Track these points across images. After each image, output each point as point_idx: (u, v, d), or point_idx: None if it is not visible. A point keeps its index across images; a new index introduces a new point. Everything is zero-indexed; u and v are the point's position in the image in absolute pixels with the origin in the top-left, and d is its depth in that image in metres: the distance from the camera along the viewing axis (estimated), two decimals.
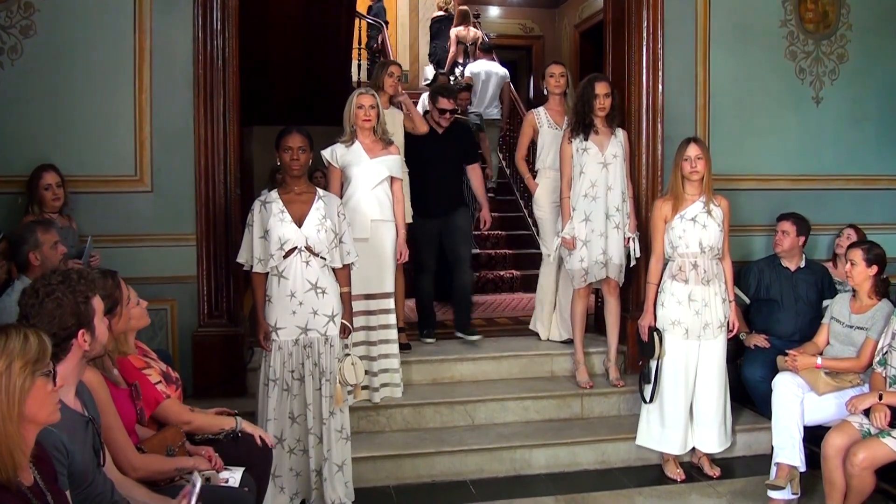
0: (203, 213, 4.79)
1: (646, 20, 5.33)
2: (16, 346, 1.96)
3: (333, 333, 3.99)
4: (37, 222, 4.01)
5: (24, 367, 1.95)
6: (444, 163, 5.57)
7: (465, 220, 5.76)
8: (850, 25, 5.77)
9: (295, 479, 4.03)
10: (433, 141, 5.54)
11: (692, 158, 4.38)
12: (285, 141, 3.97)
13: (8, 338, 1.96)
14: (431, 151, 5.50)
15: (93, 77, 4.66)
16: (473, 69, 9.16)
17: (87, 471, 2.37)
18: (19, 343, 1.96)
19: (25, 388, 1.96)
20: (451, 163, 5.67)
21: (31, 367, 1.97)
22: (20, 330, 2.01)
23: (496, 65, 9.26)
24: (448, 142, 5.60)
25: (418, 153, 5.45)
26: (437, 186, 5.50)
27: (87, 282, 2.47)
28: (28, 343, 1.98)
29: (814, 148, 5.74)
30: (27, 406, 1.97)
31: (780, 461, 4.09)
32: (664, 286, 4.50)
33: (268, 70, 7.21)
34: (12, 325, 2.07)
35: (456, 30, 10.08)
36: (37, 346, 1.99)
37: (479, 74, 9.02)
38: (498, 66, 9.24)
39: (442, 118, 5.55)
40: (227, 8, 4.76)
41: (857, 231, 5.33)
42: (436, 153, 5.51)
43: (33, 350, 1.98)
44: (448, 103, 5.55)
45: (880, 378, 3.97)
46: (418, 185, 5.48)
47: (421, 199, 5.49)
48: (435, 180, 5.48)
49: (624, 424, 4.87)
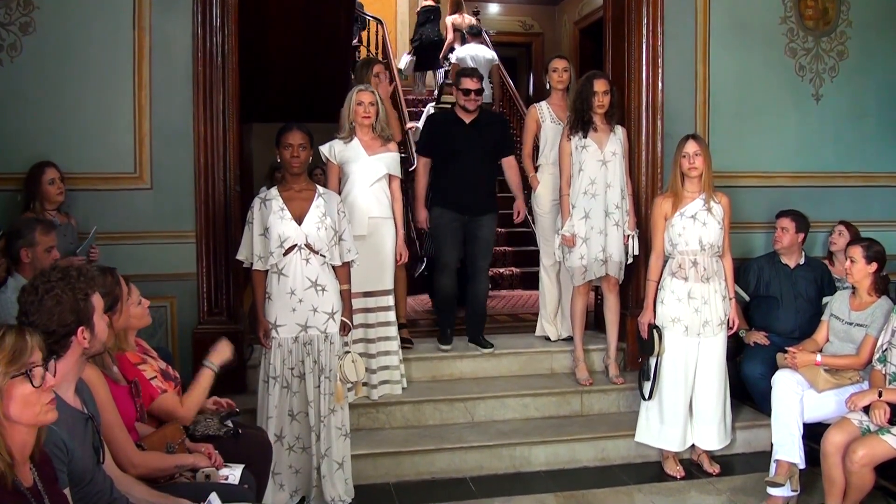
0: (203, 210, 4.78)
1: (646, 17, 5.33)
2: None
3: (333, 331, 3.99)
4: (39, 221, 3.98)
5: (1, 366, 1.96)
6: (474, 156, 5.21)
7: (491, 230, 5.38)
8: (849, 22, 5.77)
9: (295, 476, 4.04)
10: (460, 130, 5.22)
11: (690, 155, 4.38)
12: (285, 138, 3.97)
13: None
14: (459, 143, 5.19)
15: (92, 74, 4.65)
16: (459, 54, 9.12)
17: (87, 469, 2.37)
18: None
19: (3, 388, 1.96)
20: (482, 156, 5.26)
21: (2, 368, 1.97)
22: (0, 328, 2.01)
23: (484, 48, 9.24)
24: (477, 132, 5.23)
25: (445, 144, 5.22)
26: (466, 181, 5.17)
27: (86, 279, 2.47)
28: (3, 344, 1.98)
29: (814, 145, 5.74)
30: (8, 409, 1.97)
31: (780, 458, 4.09)
32: (664, 283, 4.50)
33: (267, 67, 7.20)
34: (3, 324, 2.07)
35: (451, 18, 10.21)
36: (11, 347, 1.99)
37: (464, 59, 8.90)
38: (486, 50, 9.21)
39: (468, 101, 5.18)
40: (227, 4, 4.75)
41: (848, 227, 5.34)
42: (465, 145, 5.19)
43: (7, 351, 1.98)
44: (473, 83, 5.18)
45: (880, 375, 3.97)
46: (444, 178, 5.24)
47: (446, 191, 5.23)
48: (463, 174, 5.16)
49: (623, 421, 4.87)
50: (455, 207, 5.19)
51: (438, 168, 5.28)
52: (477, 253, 5.32)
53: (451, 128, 5.24)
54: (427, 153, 5.35)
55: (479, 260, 5.33)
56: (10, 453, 1.96)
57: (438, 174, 5.29)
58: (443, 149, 5.22)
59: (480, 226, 5.26)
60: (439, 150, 5.25)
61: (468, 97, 5.18)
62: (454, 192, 5.18)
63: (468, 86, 5.18)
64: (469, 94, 5.17)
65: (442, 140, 5.23)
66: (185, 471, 2.99)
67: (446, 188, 5.22)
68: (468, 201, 5.20)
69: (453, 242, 5.26)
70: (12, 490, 1.96)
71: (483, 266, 5.38)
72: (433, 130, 5.41)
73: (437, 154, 5.26)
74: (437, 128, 5.37)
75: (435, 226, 5.26)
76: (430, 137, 5.37)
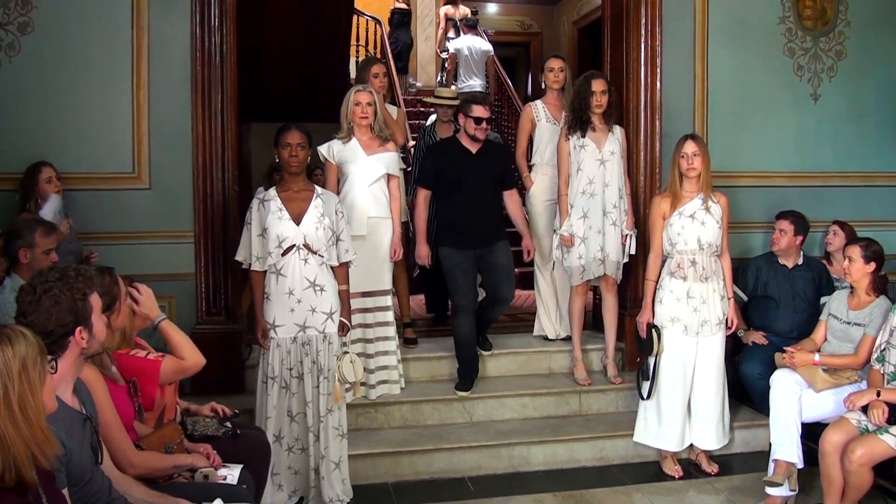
0: (201, 210, 4.78)
1: (644, 17, 5.33)
2: (21, 345, 2.01)
3: (332, 331, 3.99)
4: (40, 222, 3.95)
5: (34, 362, 2.02)
6: (482, 187, 4.86)
7: (508, 256, 4.95)
8: (848, 22, 5.77)
9: (293, 476, 4.04)
10: (466, 160, 4.85)
11: (689, 155, 4.39)
12: (284, 137, 3.97)
13: (11, 341, 2.01)
14: (465, 172, 4.82)
15: (90, 74, 4.65)
16: (456, 45, 9.20)
17: (85, 469, 2.37)
18: (22, 342, 2.02)
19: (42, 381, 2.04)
20: (488, 186, 4.91)
21: (40, 360, 2.05)
22: (14, 331, 2.05)
23: (480, 40, 9.30)
24: (483, 162, 4.88)
25: (450, 175, 4.83)
26: (474, 214, 4.81)
27: (84, 279, 2.47)
28: (28, 340, 2.04)
29: (812, 145, 5.74)
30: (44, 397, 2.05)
31: (778, 458, 4.09)
32: (662, 283, 4.50)
33: (266, 66, 7.20)
34: (6, 327, 2.08)
35: (444, 8, 10.36)
36: (36, 341, 2.06)
37: (461, 50, 9.04)
38: (482, 42, 9.28)
39: (478, 130, 4.80)
40: (225, 5, 4.75)
41: (842, 227, 5.34)
42: (471, 175, 4.83)
43: (35, 345, 2.05)
44: (483, 111, 4.81)
45: (878, 375, 3.97)
46: (450, 212, 4.88)
47: (454, 228, 4.84)
48: (471, 207, 4.80)
49: (622, 421, 4.87)
50: (466, 245, 4.82)
51: (442, 201, 4.93)
52: (499, 282, 4.94)
53: (457, 157, 4.86)
54: (429, 185, 4.92)
55: (502, 289, 4.95)
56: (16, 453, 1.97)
57: (443, 207, 4.96)
58: (447, 180, 4.85)
59: (496, 253, 4.88)
60: (442, 182, 4.86)
61: (479, 126, 4.80)
62: (463, 226, 4.81)
63: (479, 114, 4.80)
64: (480, 123, 4.79)
65: (446, 171, 4.84)
66: (183, 471, 2.99)
67: (453, 223, 4.86)
68: (479, 234, 4.84)
69: (468, 283, 4.88)
70: (12, 490, 1.96)
71: (508, 296, 4.98)
72: (436, 161, 4.94)
73: (440, 185, 4.88)
74: (441, 158, 4.94)
75: (446, 268, 4.88)
76: (433, 168, 4.91)
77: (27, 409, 1.98)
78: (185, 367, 3.25)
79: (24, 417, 1.98)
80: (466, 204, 4.80)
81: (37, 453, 2.00)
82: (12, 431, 1.95)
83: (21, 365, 1.99)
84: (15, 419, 1.96)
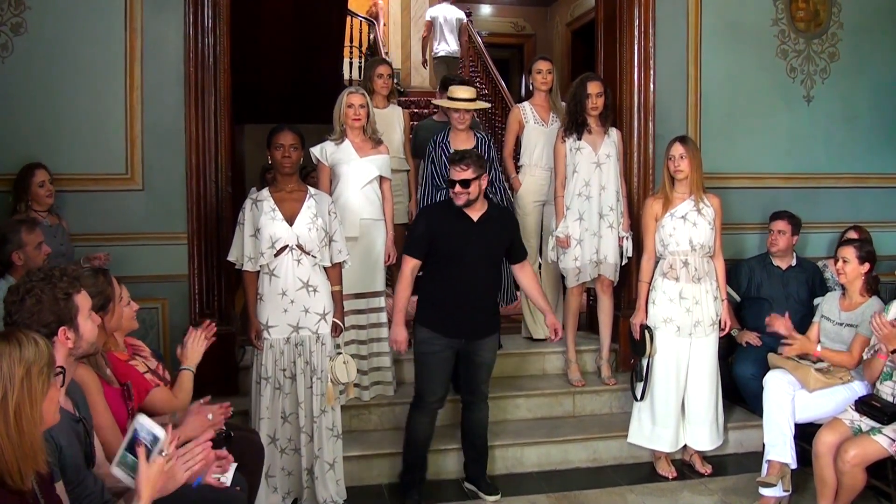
0: (194, 212, 4.77)
1: (637, 19, 5.34)
2: (29, 351, 1.98)
3: (325, 332, 3.99)
4: (21, 221, 3.95)
5: (40, 371, 1.98)
6: (479, 262, 4.03)
7: (494, 352, 4.24)
8: (841, 24, 5.79)
9: (287, 478, 4.03)
10: (465, 229, 4.00)
11: (676, 158, 4.41)
12: (276, 138, 3.97)
13: (20, 345, 1.98)
14: (463, 245, 3.98)
15: (84, 75, 4.64)
16: (432, 13, 10.32)
17: (78, 469, 2.36)
18: (32, 349, 1.99)
19: (45, 392, 1.99)
20: (488, 262, 4.09)
21: (46, 370, 2.00)
22: (28, 336, 2.02)
23: (454, 8, 10.33)
24: (486, 233, 4.03)
25: (441, 246, 4.01)
26: (467, 295, 4.01)
27: (69, 279, 2.46)
28: (39, 347, 2.01)
29: (805, 146, 5.76)
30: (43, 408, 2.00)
31: (772, 458, 4.10)
32: (655, 284, 4.51)
33: (259, 68, 7.20)
34: (17, 330, 2.07)
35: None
36: (46, 349, 2.03)
37: (437, 17, 10.16)
38: (456, 10, 10.31)
39: (458, 196, 3.94)
40: (219, 6, 4.75)
41: (857, 231, 5.31)
42: (469, 249, 3.99)
43: (45, 353, 2.01)
44: (461, 171, 3.91)
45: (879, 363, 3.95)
46: (438, 290, 4.04)
47: (439, 308, 4.03)
48: (465, 288, 4.00)
49: (616, 422, 4.88)
50: (451, 332, 4.02)
51: (431, 274, 4.10)
52: (476, 378, 4.19)
53: (454, 224, 4.01)
54: (418, 255, 4.06)
55: (479, 385, 4.21)
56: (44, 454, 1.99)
57: (430, 283, 4.11)
58: (440, 250, 4.02)
59: (484, 349, 4.14)
60: (435, 252, 4.04)
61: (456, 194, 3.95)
62: (450, 310, 4.01)
63: (456, 176, 3.93)
64: (454, 186, 3.94)
65: (439, 241, 4.01)
66: None
67: (440, 304, 4.03)
68: (469, 324, 4.05)
69: (441, 376, 4.09)
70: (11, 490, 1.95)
71: (484, 392, 4.25)
72: (428, 226, 4.07)
73: (432, 257, 4.06)
74: (434, 224, 4.06)
75: (420, 353, 4.08)
76: (425, 235, 4.05)
77: (22, 419, 1.93)
78: (173, 405, 3.27)
79: (17, 426, 1.92)
80: (460, 283, 4.00)
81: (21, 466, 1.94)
82: (4, 438, 1.91)
83: (25, 371, 1.95)
84: (7, 426, 1.91)
